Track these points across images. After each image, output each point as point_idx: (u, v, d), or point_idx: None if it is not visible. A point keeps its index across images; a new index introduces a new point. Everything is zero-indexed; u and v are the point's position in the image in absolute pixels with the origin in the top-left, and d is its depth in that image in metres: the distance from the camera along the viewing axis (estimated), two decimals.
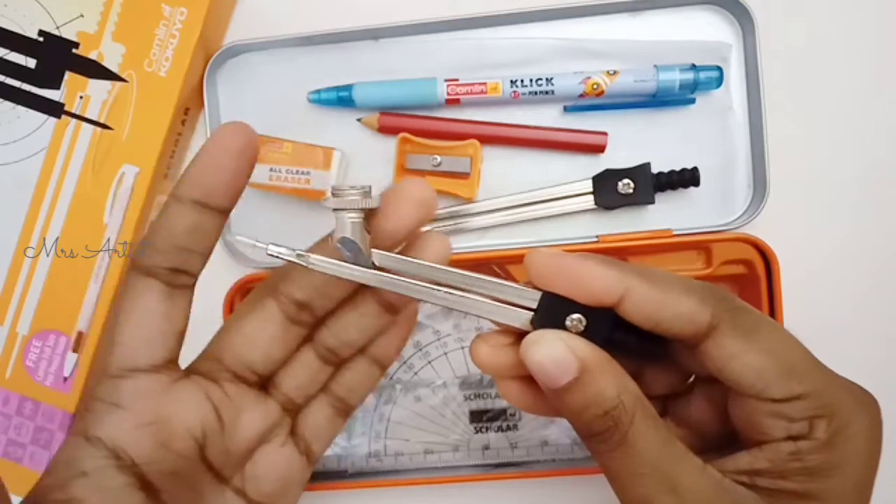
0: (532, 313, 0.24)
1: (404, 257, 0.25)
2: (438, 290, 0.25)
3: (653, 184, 0.37)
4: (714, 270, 0.37)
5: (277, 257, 0.24)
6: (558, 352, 0.23)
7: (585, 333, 0.24)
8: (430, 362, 0.38)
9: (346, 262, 0.24)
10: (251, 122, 0.38)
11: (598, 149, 0.38)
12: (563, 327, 0.24)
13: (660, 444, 0.23)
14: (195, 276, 0.25)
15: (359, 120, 0.38)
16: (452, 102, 0.38)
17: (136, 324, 0.24)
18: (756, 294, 0.36)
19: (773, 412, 0.23)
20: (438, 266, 0.25)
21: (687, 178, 0.37)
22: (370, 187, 0.25)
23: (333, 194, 0.25)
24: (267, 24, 0.39)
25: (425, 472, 0.39)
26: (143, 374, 0.24)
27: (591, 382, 0.23)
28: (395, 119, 0.38)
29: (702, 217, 0.38)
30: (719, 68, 0.37)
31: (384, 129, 0.38)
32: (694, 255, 0.37)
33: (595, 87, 0.37)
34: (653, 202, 0.37)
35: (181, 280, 0.24)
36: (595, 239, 0.37)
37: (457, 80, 0.37)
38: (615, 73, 0.37)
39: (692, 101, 0.37)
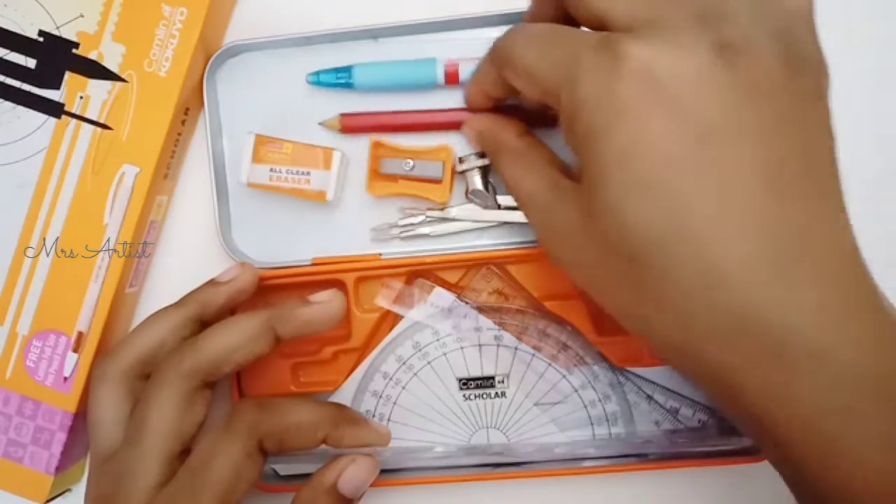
0: None
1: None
2: None
3: None
4: None
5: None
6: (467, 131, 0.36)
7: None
8: (429, 362, 0.38)
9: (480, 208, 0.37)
10: (251, 123, 0.38)
11: None
12: None
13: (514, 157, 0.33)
14: None
15: (320, 124, 0.38)
16: (452, 82, 0.37)
17: None
18: None
19: None
20: None
21: None
22: (483, 152, 0.36)
23: (460, 161, 0.36)
24: (267, 24, 0.39)
25: (425, 472, 0.39)
26: None
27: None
28: (357, 119, 0.38)
29: None
30: None
31: (346, 130, 0.38)
32: None
33: None
34: None
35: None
36: None
37: (457, 63, 0.37)
38: None
39: None
